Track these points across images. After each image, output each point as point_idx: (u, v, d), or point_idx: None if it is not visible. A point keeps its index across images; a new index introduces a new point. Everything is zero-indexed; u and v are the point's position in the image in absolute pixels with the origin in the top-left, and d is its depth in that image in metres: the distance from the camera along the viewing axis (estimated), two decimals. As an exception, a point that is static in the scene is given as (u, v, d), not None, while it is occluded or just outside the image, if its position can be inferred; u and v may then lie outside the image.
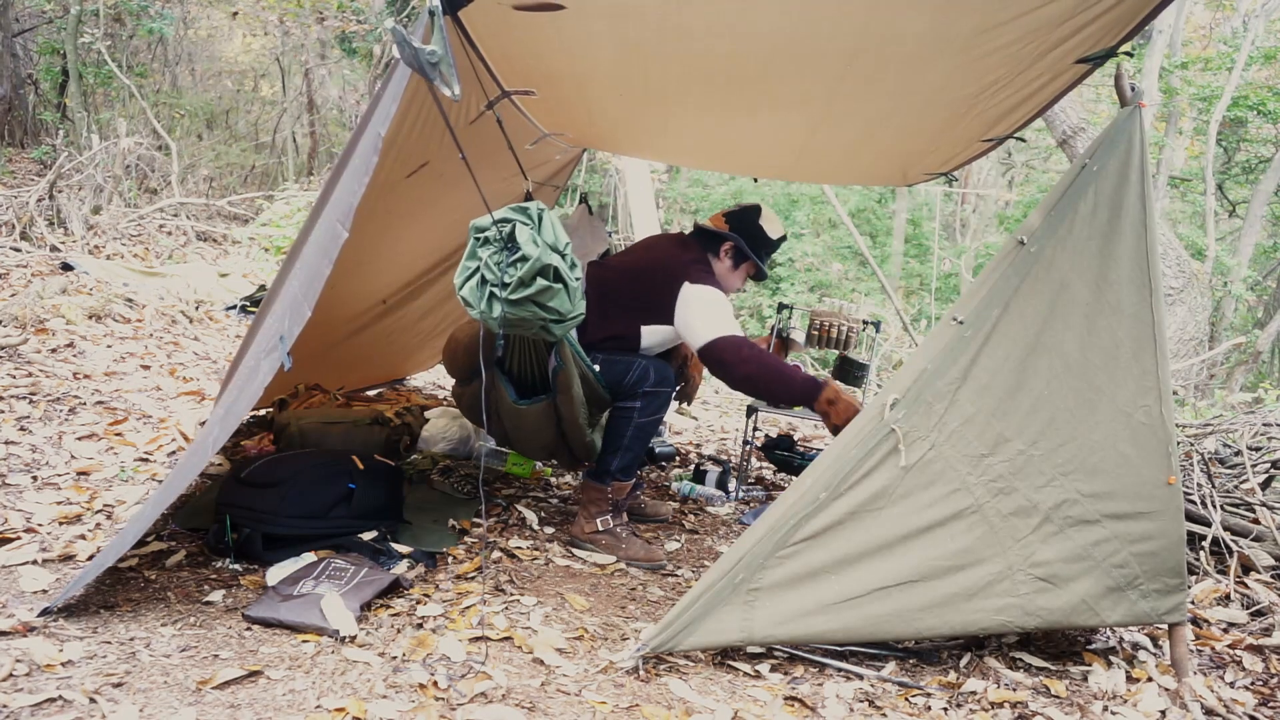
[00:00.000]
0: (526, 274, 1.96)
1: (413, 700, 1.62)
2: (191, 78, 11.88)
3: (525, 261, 1.96)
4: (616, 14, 1.92)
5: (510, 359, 2.46)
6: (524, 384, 2.50)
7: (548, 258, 1.98)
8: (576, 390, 2.43)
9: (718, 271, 2.74)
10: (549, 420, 2.53)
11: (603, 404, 2.60)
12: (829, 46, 1.99)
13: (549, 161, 3.67)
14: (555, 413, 2.51)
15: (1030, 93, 2.21)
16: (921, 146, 2.85)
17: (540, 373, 2.46)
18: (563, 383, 2.40)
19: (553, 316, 2.05)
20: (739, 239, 2.74)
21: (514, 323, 2.05)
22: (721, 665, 1.94)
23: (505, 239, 1.98)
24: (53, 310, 4.26)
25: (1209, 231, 9.19)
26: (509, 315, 2.01)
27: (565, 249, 2.06)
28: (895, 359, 7.57)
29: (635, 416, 2.58)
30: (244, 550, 2.18)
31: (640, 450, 2.66)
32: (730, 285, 2.78)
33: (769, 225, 2.78)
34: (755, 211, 2.78)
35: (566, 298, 2.05)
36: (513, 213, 2.01)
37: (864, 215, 12.43)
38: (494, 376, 2.46)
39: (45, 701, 1.48)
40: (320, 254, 1.86)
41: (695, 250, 2.73)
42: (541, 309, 2.03)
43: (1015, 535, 1.91)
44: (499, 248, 1.99)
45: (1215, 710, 1.86)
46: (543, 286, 1.98)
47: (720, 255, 2.76)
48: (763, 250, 2.79)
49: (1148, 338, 1.91)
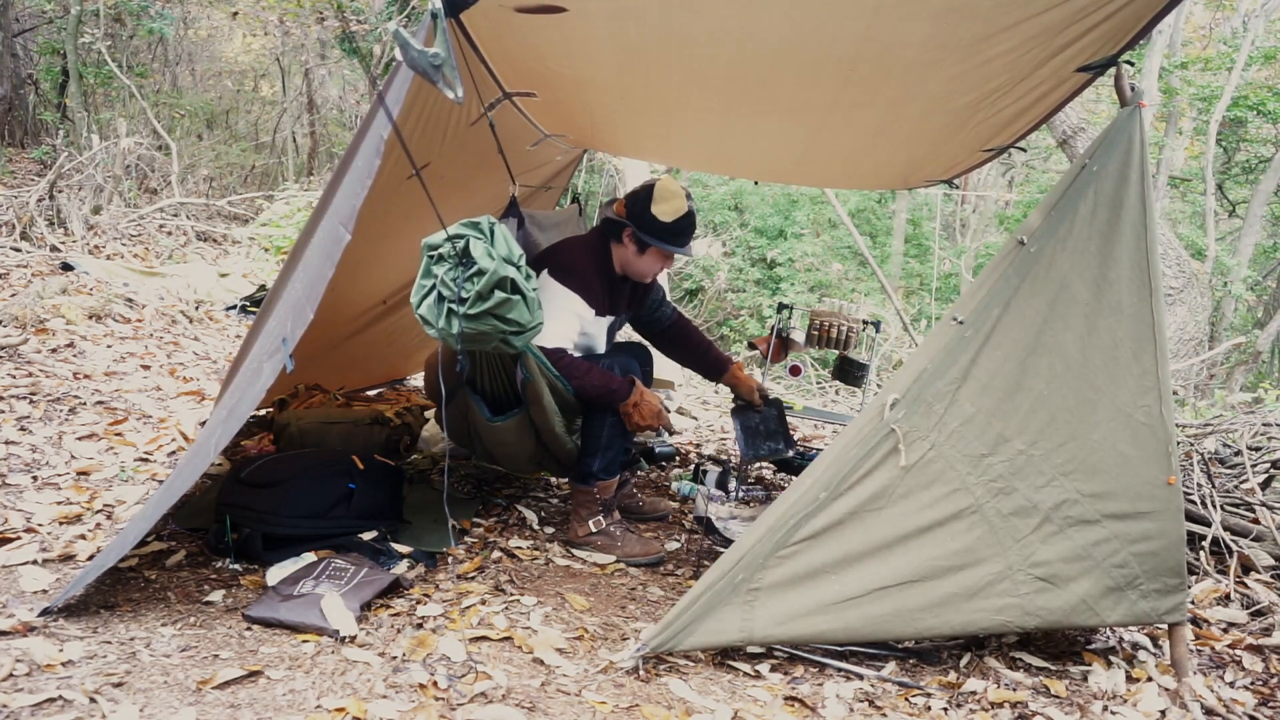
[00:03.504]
0: (484, 287, 1.98)
1: (413, 700, 1.62)
2: (191, 78, 11.88)
3: (482, 275, 1.98)
4: (618, 17, 1.92)
5: (479, 377, 2.46)
6: (496, 401, 2.50)
7: (504, 270, 2.00)
8: (548, 400, 2.43)
9: (623, 258, 2.67)
10: (527, 433, 2.53)
11: (576, 410, 2.59)
12: (830, 53, 1.99)
13: (550, 162, 3.67)
14: (531, 425, 2.51)
15: (1031, 102, 2.21)
16: (922, 154, 2.85)
17: (510, 388, 2.46)
18: (533, 394, 2.40)
19: (512, 328, 2.07)
20: (632, 225, 2.62)
21: (473, 337, 2.06)
22: (721, 665, 1.94)
23: (459, 254, 2.00)
24: (53, 310, 4.26)
25: (1209, 231, 9.20)
26: (468, 330, 2.02)
27: (519, 260, 2.09)
28: (895, 359, 7.57)
29: (609, 416, 2.57)
30: (244, 550, 2.18)
31: (620, 447, 2.63)
32: (642, 269, 2.68)
33: (660, 208, 2.57)
34: (647, 195, 2.59)
35: (525, 308, 2.08)
36: (464, 228, 2.04)
37: (864, 215, 12.43)
38: (465, 397, 2.47)
39: (45, 701, 1.48)
40: (323, 256, 1.86)
41: (593, 243, 2.67)
42: (501, 321, 2.05)
43: (1015, 535, 1.91)
44: (454, 264, 2.01)
45: (1215, 710, 1.87)
46: (501, 299, 2.01)
47: (625, 241, 2.66)
48: (664, 236, 2.60)
49: (1148, 338, 1.91)
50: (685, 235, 2.65)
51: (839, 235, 11.51)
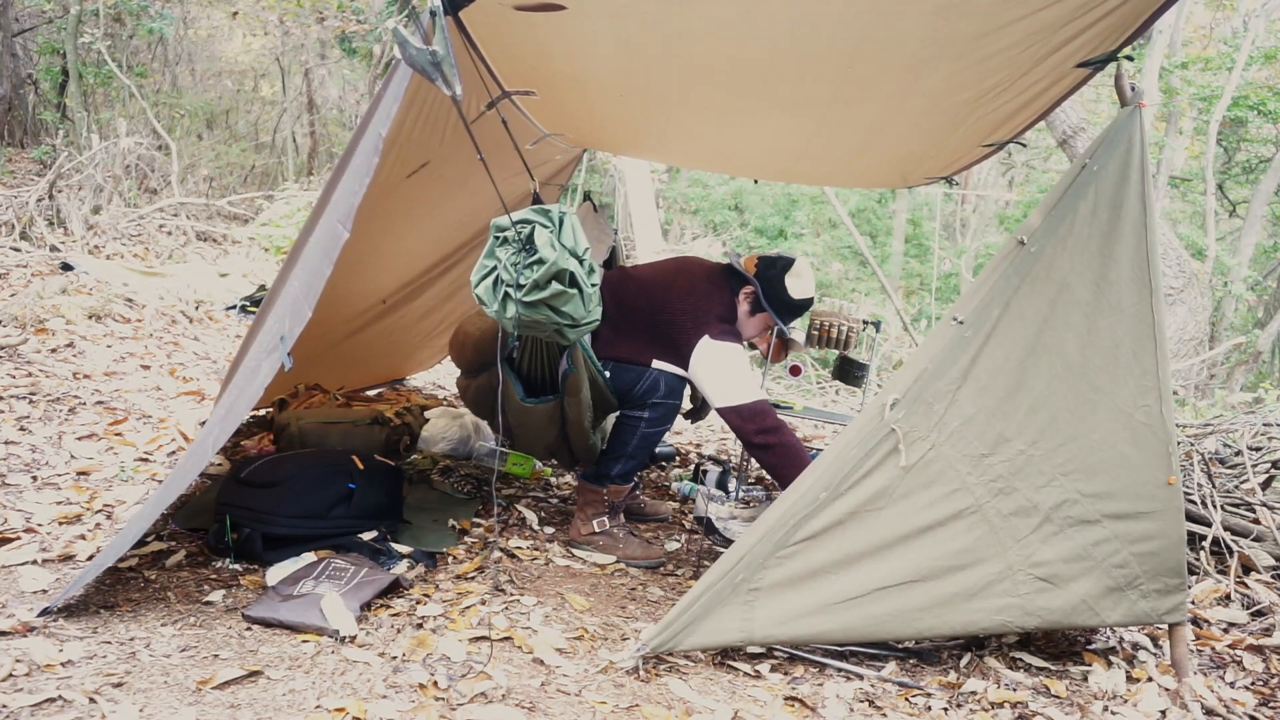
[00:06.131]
0: (542, 277, 1.95)
1: (413, 700, 1.62)
2: (191, 78, 11.87)
3: (541, 265, 1.94)
4: (617, 15, 1.92)
5: (521, 357, 2.44)
6: (532, 383, 2.49)
7: (565, 262, 1.96)
8: (585, 394, 2.43)
9: (739, 315, 2.66)
10: (554, 420, 2.53)
11: (609, 409, 2.60)
12: (830, 50, 1.99)
13: (549, 161, 3.67)
14: (561, 414, 2.50)
15: (1031, 97, 2.21)
16: (922, 151, 2.85)
17: (550, 373, 2.45)
18: (572, 386, 2.40)
19: (566, 321, 2.04)
20: (759, 287, 2.63)
21: (528, 324, 2.04)
22: (721, 665, 1.94)
23: (524, 241, 1.97)
24: (53, 310, 4.25)
25: (1209, 231, 9.19)
26: (522, 317, 2.00)
27: (584, 254, 2.04)
28: (895, 359, 7.57)
29: (642, 426, 2.57)
30: (244, 550, 2.18)
31: (643, 458, 2.66)
32: (746, 331, 2.69)
33: (794, 283, 2.62)
34: (786, 265, 2.64)
35: (581, 304, 2.04)
36: (534, 214, 2.00)
37: (864, 215, 12.42)
38: (504, 372, 2.43)
39: (45, 701, 1.48)
40: (321, 254, 1.86)
41: (724, 291, 2.62)
42: (555, 313, 2.01)
43: (1015, 535, 1.91)
44: (517, 249, 1.98)
45: (1215, 710, 1.86)
46: (557, 291, 1.97)
47: (740, 298, 2.65)
48: (780, 308, 2.64)
49: (1148, 338, 1.91)
50: (795, 316, 2.72)
51: (839, 235, 11.51)
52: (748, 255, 2.76)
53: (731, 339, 2.49)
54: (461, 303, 3.97)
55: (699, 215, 12.14)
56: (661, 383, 2.53)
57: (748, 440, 2.42)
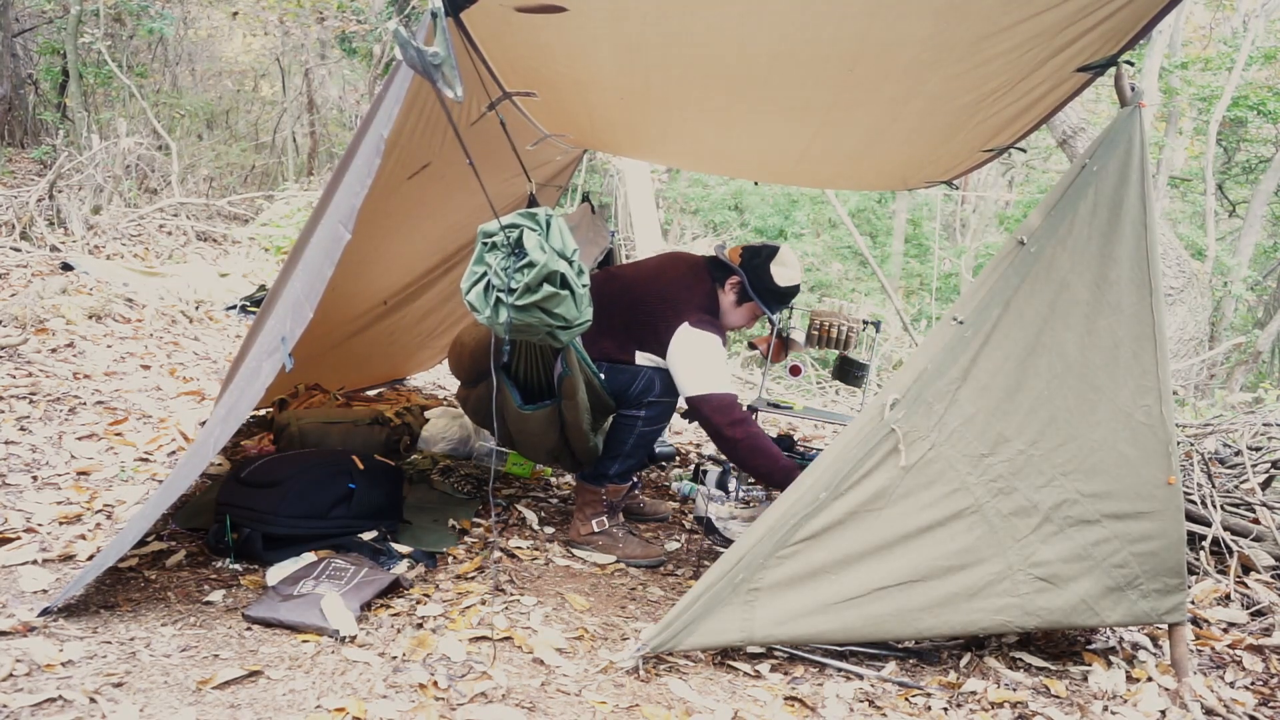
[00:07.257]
0: (533, 280, 1.95)
1: (413, 700, 1.62)
2: (191, 78, 11.87)
3: (532, 268, 1.95)
4: (618, 17, 1.92)
5: (516, 364, 2.45)
6: (529, 389, 2.49)
7: (555, 264, 1.97)
8: (581, 397, 2.43)
9: (722, 305, 2.68)
10: (553, 425, 2.53)
11: (607, 410, 2.60)
12: (830, 53, 1.99)
13: (550, 162, 3.67)
14: (559, 418, 2.51)
15: (1031, 102, 2.21)
16: (922, 155, 2.85)
17: (546, 378, 2.45)
18: (568, 389, 2.40)
19: (559, 323, 2.04)
20: (744, 277, 2.66)
21: (520, 328, 2.05)
22: (721, 665, 1.94)
23: (513, 244, 1.98)
24: (53, 310, 4.25)
25: (1209, 231, 9.19)
26: (515, 321, 2.00)
27: (573, 255, 2.05)
28: (895, 359, 7.57)
29: (639, 425, 2.58)
30: (244, 550, 2.18)
31: (641, 457, 2.67)
32: (731, 321, 2.72)
33: (780, 271, 2.66)
34: (770, 254, 2.67)
35: (573, 304, 2.05)
36: (521, 218, 2.01)
37: (864, 215, 12.43)
38: (499, 380, 2.45)
39: (45, 701, 1.48)
40: (322, 255, 1.86)
41: (706, 282, 2.65)
42: (548, 315, 2.02)
43: (1015, 535, 1.91)
44: (506, 253, 1.98)
45: (1215, 710, 1.87)
46: (549, 293, 1.98)
47: (725, 288, 2.68)
48: (768, 296, 2.68)
49: (1148, 338, 1.91)
50: (784, 304, 2.75)
51: (839, 235, 11.52)
52: (732, 246, 2.79)
53: (710, 329, 2.51)
54: (461, 303, 3.97)
55: (699, 215, 12.14)
56: (657, 382, 2.55)
57: (718, 433, 2.43)
